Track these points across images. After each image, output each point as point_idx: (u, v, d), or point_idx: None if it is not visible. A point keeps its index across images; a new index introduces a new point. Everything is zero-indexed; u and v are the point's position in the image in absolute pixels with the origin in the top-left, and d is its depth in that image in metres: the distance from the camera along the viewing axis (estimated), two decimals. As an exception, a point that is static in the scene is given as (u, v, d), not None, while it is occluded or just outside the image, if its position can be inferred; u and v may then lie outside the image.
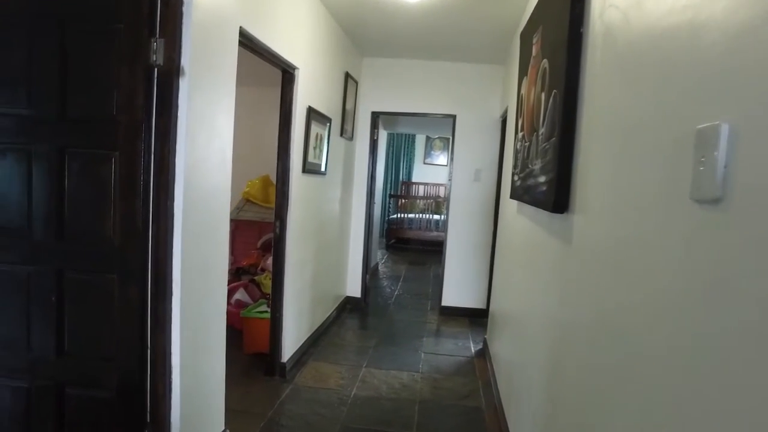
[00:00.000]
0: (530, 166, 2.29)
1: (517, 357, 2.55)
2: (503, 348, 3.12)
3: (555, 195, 1.68)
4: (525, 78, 2.68)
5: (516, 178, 2.80)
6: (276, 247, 3.26)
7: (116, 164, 1.79)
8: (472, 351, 4.12)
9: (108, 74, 1.79)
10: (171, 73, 1.79)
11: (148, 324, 1.87)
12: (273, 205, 4.78)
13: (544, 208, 1.87)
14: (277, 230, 3.23)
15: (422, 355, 3.94)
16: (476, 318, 4.96)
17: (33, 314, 1.92)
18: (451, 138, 6.01)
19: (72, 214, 1.85)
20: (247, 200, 5.30)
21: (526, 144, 2.48)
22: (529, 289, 2.35)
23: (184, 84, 1.82)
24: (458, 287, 5.13)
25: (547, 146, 1.85)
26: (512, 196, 2.97)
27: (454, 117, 5.05)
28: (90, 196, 1.84)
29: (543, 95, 2.03)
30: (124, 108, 1.77)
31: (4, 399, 2.01)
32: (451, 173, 5.19)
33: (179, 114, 1.82)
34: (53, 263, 1.88)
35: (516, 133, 2.99)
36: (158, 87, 1.79)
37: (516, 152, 2.89)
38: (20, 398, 1.99)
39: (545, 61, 2.03)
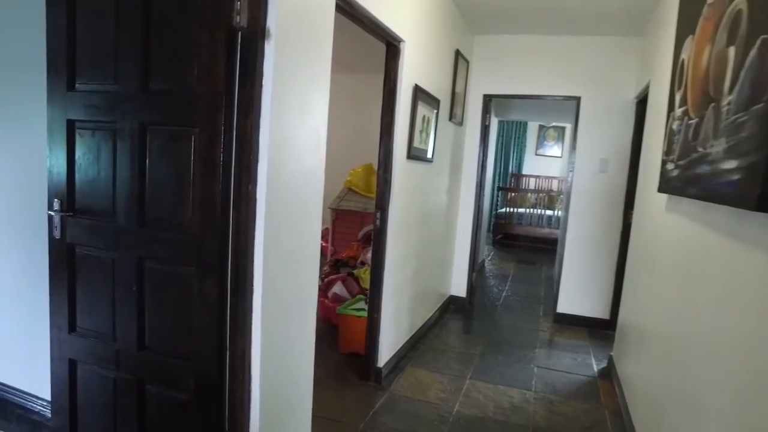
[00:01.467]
0: (701, 149, 1.73)
1: (673, 388, 2.00)
2: (643, 372, 2.55)
3: (763, 186, 1.15)
4: (690, 37, 2.08)
5: (671, 166, 2.22)
6: (376, 240, 2.97)
7: (195, 142, 1.58)
8: (595, 370, 3.53)
9: (190, 40, 1.58)
10: (255, 36, 1.54)
11: (227, 323, 1.65)
12: (375, 195, 4.53)
13: (735, 204, 1.34)
14: (378, 221, 2.94)
15: (534, 369, 3.45)
16: (598, 330, 4.32)
17: (117, 303, 1.81)
18: (573, 123, 5.34)
19: (152, 197, 1.69)
20: (349, 189, 5.13)
21: (692, 122, 1.91)
22: (696, 308, 1.80)
23: (269, 49, 1.56)
24: (577, 293, 4.50)
25: (744, 118, 1.32)
26: (662, 189, 2.38)
27: (577, 99, 4.41)
28: (169, 179, 1.66)
29: (732, 50, 1.48)
30: (205, 78, 1.56)
31: (94, 386, 1.94)
32: (572, 163, 4.56)
33: (264, 83, 1.57)
34: (135, 250, 1.74)
35: (671, 110, 2.39)
36: (241, 53, 1.55)
37: (671, 134, 2.30)
38: (107, 388, 1.90)
39: (738, 1, 1.47)
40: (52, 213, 1.85)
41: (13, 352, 2.44)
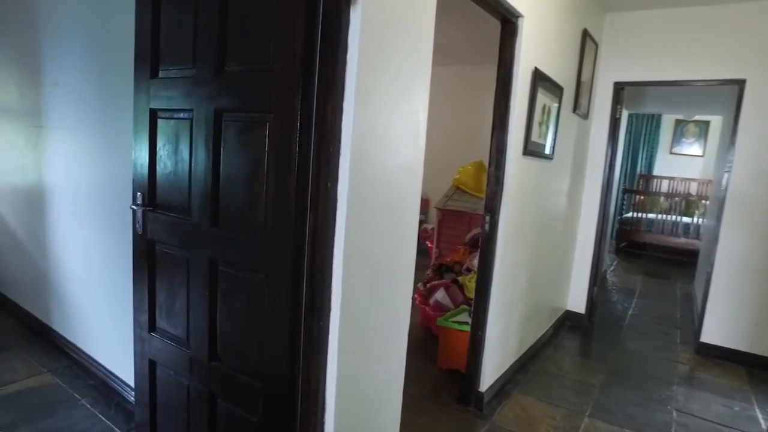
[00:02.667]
0: None
1: None
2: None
3: None
4: None
5: None
6: (483, 248, 2.60)
7: (269, 130, 1.36)
8: (763, 426, 2.80)
9: (267, 11, 1.36)
10: (339, 1, 1.27)
11: (299, 343, 1.41)
12: (485, 195, 4.14)
13: None
14: (487, 226, 2.56)
15: (674, 413, 2.83)
16: (762, 371, 3.50)
17: (192, 307, 1.66)
18: (727, 114, 4.47)
19: (226, 194, 1.50)
20: (458, 188, 4.77)
21: None
22: None
23: (356, 16, 1.28)
24: (729, 320, 3.70)
25: None
26: None
27: (740, 83, 3.60)
28: (243, 173, 1.46)
29: None
30: (280, 55, 1.32)
31: (171, 390, 1.83)
32: (727, 163, 3.76)
33: (348, 58, 1.29)
34: (207, 251, 1.57)
35: None
36: (323, 22, 1.29)
37: None
38: (182, 395, 1.77)
39: None
40: (135, 207, 1.76)
41: (114, 340, 2.47)
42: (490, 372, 2.71)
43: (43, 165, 2.88)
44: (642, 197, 8.57)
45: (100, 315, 2.56)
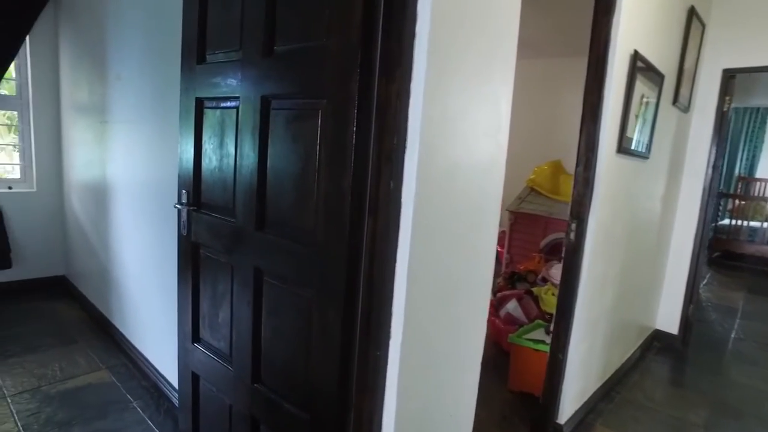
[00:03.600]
0: None
1: None
2: None
3: None
4: None
5: None
6: (568, 258, 2.25)
7: (322, 119, 1.13)
8: None
9: (323, -23, 1.14)
10: (409, -44, 1.02)
11: (353, 373, 1.18)
12: (562, 198, 3.75)
13: None
14: (572, 234, 2.22)
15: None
16: None
17: (235, 321, 1.48)
18: None
19: (273, 193, 1.30)
20: (532, 189, 4.40)
21: None
22: None
23: (428, -24, 1.03)
24: None
25: None
26: None
27: None
28: (291, 169, 1.24)
29: None
30: (336, 28, 1.09)
31: (213, 406, 1.67)
32: None
33: (418, 30, 1.04)
34: (252, 259, 1.38)
35: None
36: (388, -14, 1.04)
37: None
38: (224, 415, 1.60)
39: None
40: (179, 207, 1.60)
41: (166, 343, 2.37)
42: (570, 401, 2.36)
43: (107, 160, 2.86)
44: (742, 202, 7.66)
45: (154, 315, 2.48)
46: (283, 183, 1.26)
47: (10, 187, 3.57)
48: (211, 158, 1.48)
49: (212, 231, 1.51)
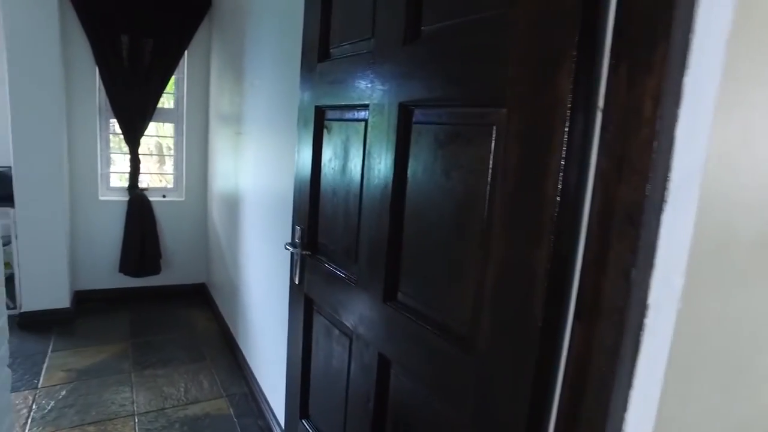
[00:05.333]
0: None
1: None
2: None
3: None
4: None
5: None
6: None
7: (497, 141, 0.66)
8: None
9: None
10: None
11: None
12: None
13: None
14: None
15: None
16: None
17: (350, 415, 1.07)
18: None
19: (410, 252, 0.86)
20: None
21: None
22: None
23: None
24: None
25: None
26: None
27: None
28: (439, 218, 0.79)
29: None
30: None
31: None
32: None
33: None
34: (376, 340, 0.95)
35: None
36: None
37: None
38: None
39: None
40: (291, 249, 1.25)
41: (283, 385, 2.10)
42: None
43: (239, 172, 2.73)
44: None
45: (271, 347, 2.22)
46: (426, 241, 0.81)
47: (164, 196, 3.70)
48: (331, 187, 1.10)
49: (328, 286, 1.13)
